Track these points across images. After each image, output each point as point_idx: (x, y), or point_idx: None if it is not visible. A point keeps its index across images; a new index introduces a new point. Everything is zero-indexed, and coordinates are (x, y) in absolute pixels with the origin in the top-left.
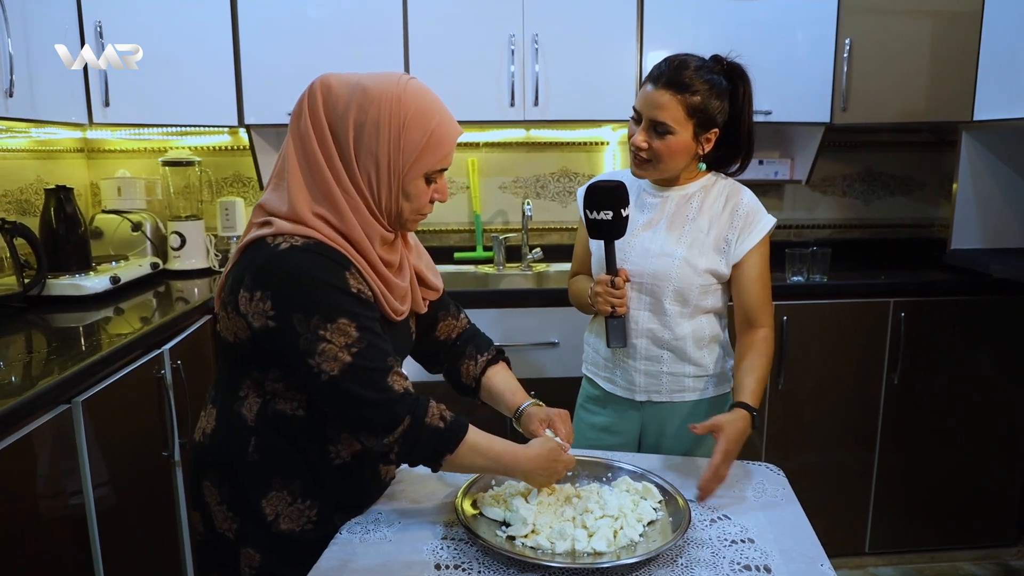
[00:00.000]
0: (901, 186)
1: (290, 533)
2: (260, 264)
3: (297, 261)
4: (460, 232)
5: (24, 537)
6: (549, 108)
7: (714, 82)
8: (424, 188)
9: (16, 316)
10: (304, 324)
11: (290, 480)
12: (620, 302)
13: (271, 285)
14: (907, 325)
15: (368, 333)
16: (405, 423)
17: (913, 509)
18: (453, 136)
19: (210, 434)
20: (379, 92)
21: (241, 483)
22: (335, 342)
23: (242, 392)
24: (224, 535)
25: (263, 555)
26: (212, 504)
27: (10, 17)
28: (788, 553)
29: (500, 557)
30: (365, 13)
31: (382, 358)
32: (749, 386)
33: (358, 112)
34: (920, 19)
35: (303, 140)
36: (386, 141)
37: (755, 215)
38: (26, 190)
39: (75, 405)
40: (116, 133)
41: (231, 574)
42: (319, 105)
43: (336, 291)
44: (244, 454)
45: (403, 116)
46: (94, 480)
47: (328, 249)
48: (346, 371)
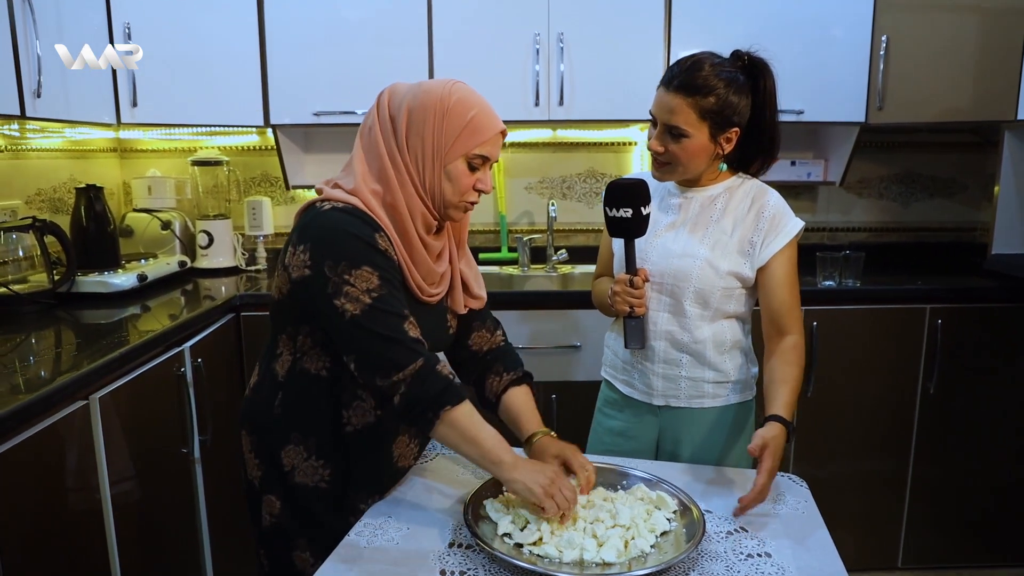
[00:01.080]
0: (942, 188)
1: (303, 487)
2: (306, 223)
3: (335, 218)
4: (485, 233)
5: (42, 527)
6: (574, 108)
7: (732, 79)
8: (465, 171)
9: (46, 312)
10: (333, 269)
11: (307, 437)
12: (639, 302)
13: (311, 238)
14: (943, 332)
15: (388, 284)
16: (417, 364)
17: (949, 524)
18: (492, 126)
19: (252, 388)
20: (431, 87)
21: (266, 433)
22: (357, 286)
23: (279, 349)
24: (252, 481)
25: (281, 503)
26: (245, 452)
27: (44, 19)
28: (806, 570)
29: (506, 564)
30: (388, 13)
31: (399, 307)
32: (782, 398)
33: (411, 101)
34: (962, 14)
35: (370, 130)
36: (432, 123)
37: (782, 218)
38: (59, 189)
39: (92, 402)
40: (148, 133)
41: (258, 521)
42: (386, 102)
43: (364, 244)
44: (271, 407)
45: (447, 104)
46: (111, 475)
47: (364, 214)
48: (366, 311)
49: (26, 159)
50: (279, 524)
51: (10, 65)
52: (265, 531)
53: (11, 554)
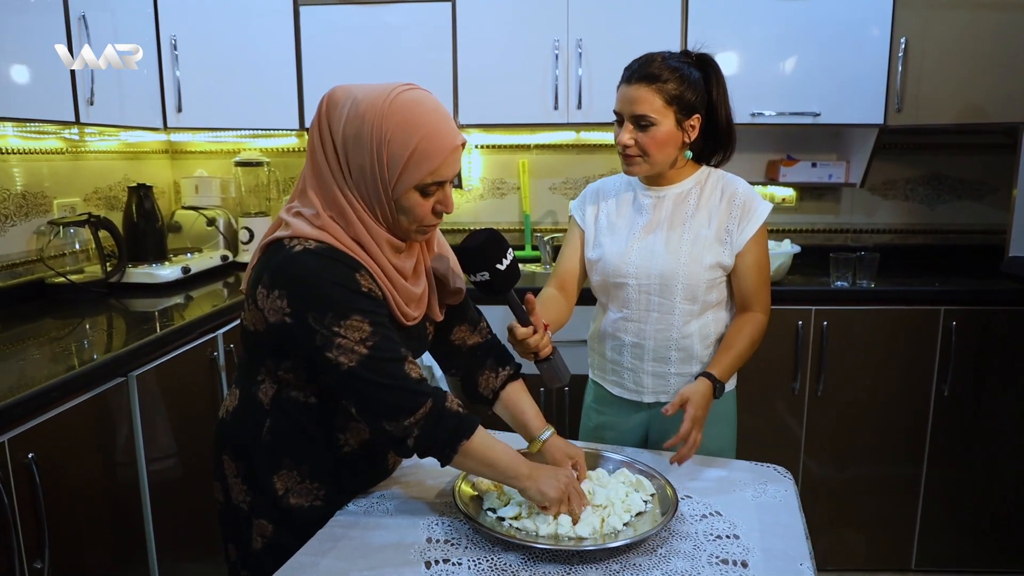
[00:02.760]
0: (970, 190)
1: (299, 508)
2: (276, 264)
3: (309, 264)
4: (510, 231)
5: (83, 485)
6: (592, 111)
7: (683, 71)
8: (420, 201)
9: (98, 300)
10: (319, 321)
11: (300, 462)
12: (538, 348)
13: (286, 285)
14: (958, 335)
15: (380, 328)
16: (427, 406)
17: (963, 527)
18: (440, 149)
19: (232, 412)
20: (366, 106)
21: (255, 460)
22: (349, 337)
23: (259, 377)
24: (239, 506)
25: (275, 527)
26: (230, 476)
27: (99, 32)
28: (770, 551)
29: (487, 536)
30: (415, 21)
31: (396, 350)
32: (721, 360)
33: (346, 126)
34: (981, 14)
35: (314, 150)
36: (369, 155)
37: (752, 203)
38: (114, 187)
39: (130, 379)
40: (196, 136)
41: (246, 543)
42: (324, 117)
43: (346, 291)
44: (259, 434)
45: (384, 131)
46: (146, 444)
47: (339, 253)
48: (364, 362)
49: (84, 160)
50: (274, 544)
51: (66, 76)
52: (256, 552)
53: (55, 506)
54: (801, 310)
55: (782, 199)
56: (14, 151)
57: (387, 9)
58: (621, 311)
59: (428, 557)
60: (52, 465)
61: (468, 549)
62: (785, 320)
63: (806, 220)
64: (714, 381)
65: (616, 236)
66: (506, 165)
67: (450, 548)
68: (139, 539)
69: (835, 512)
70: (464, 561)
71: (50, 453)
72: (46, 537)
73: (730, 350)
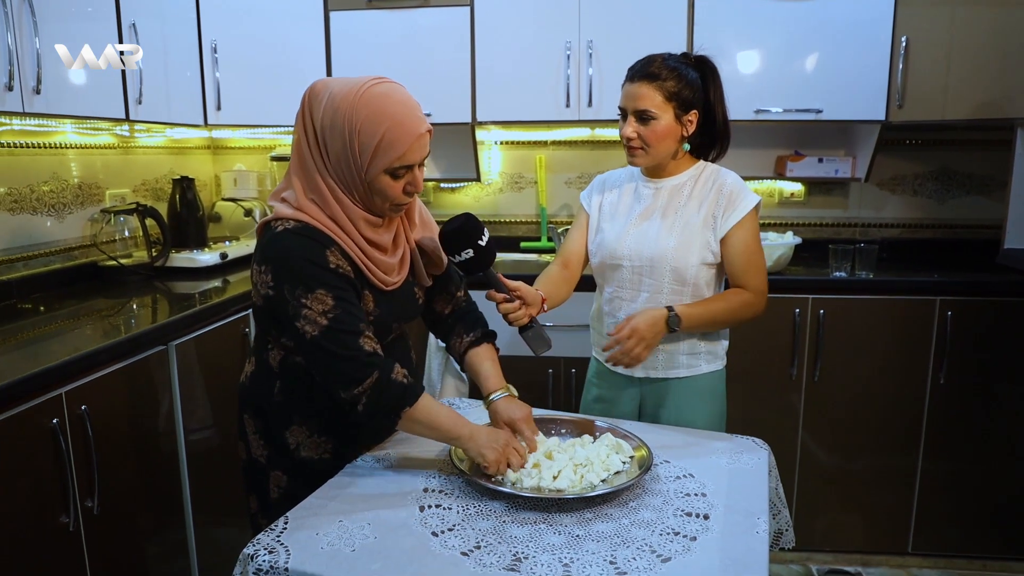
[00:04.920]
0: (979, 185)
1: (310, 460)
2: (264, 244)
3: (287, 242)
4: (527, 224)
5: (128, 441)
6: (602, 109)
7: (681, 70)
8: (390, 183)
9: (144, 282)
10: (291, 292)
11: (308, 418)
12: (512, 316)
13: (269, 261)
14: (953, 325)
15: (342, 302)
16: (373, 376)
17: (958, 514)
18: (406, 137)
19: (249, 376)
20: (340, 99)
21: (270, 418)
22: (314, 308)
23: (268, 344)
24: (258, 460)
25: (289, 477)
26: (250, 434)
27: (150, 38)
28: (732, 507)
29: (478, 487)
30: (436, 24)
31: (354, 323)
32: (692, 307)
33: (323, 116)
34: (982, 11)
35: (298, 140)
36: (343, 145)
37: (739, 194)
38: (160, 180)
39: (170, 348)
40: (236, 133)
41: (264, 493)
42: (307, 108)
43: (316, 267)
44: (271, 394)
45: (355, 122)
46: (184, 407)
47: (314, 231)
48: (325, 332)
49: (134, 154)
50: (288, 494)
51: (118, 78)
52: (274, 502)
53: (104, 454)
54: (798, 298)
55: (790, 194)
56: (72, 146)
57: (409, 13)
58: (616, 290)
59: (422, 503)
60: (102, 418)
61: (459, 498)
62: (783, 308)
63: (814, 214)
64: (670, 310)
65: (615, 222)
66: (524, 160)
67: (443, 496)
68: (176, 487)
69: (832, 496)
70: (454, 507)
71: (101, 407)
72: (96, 480)
73: (705, 304)
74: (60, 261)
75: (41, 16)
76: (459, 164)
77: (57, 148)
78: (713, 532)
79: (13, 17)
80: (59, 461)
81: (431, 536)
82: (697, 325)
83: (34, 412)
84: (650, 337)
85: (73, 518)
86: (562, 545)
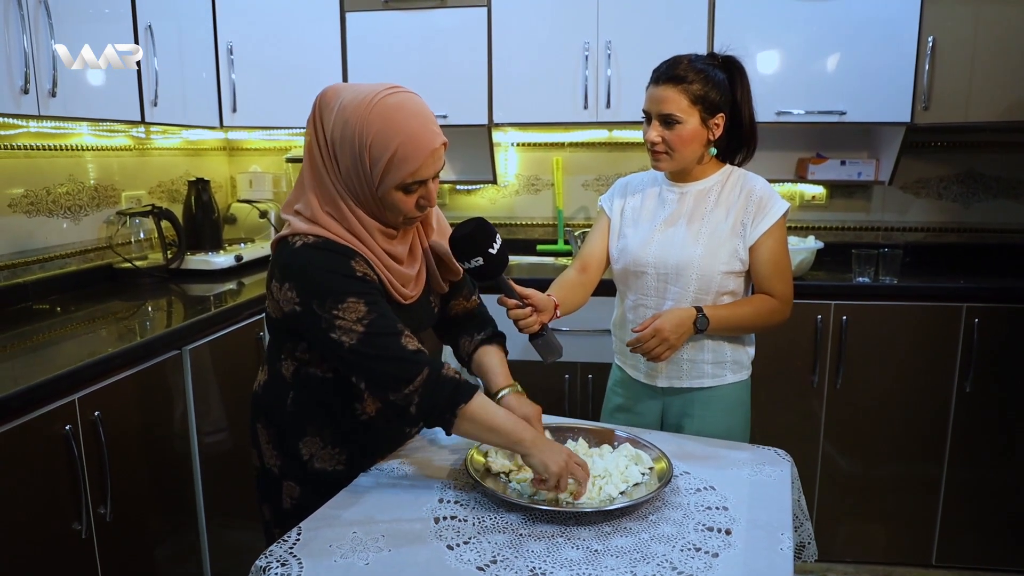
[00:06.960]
0: (1006, 189)
1: (322, 471)
2: (284, 261)
3: (309, 257)
4: (544, 226)
5: (141, 444)
6: (620, 110)
7: (708, 72)
8: (402, 198)
9: (159, 284)
10: (321, 307)
11: (321, 429)
12: (523, 323)
13: (292, 278)
14: (980, 332)
15: (375, 307)
16: (424, 374)
17: (984, 524)
18: (418, 153)
19: (262, 386)
20: (351, 111)
21: (282, 428)
22: (347, 317)
23: (282, 356)
24: (271, 469)
25: (301, 488)
26: (263, 443)
27: (166, 40)
28: (755, 521)
29: (493, 498)
30: (452, 25)
31: (392, 325)
32: (719, 309)
33: (333, 127)
34: (1011, 10)
35: (310, 149)
36: (354, 158)
37: (768, 200)
38: (176, 181)
39: (183, 352)
40: (251, 134)
41: (277, 503)
42: (317, 116)
43: (342, 277)
44: (284, 405)
45: (366, 136)
46: (197, 410)
47: (334, 244)
48: (363, 338)
49: (149, 156)
50: (301, 505)
51: (134, 79)
52: (287, 512)
53: (117, 459)
54: (820, 304)
55: (812, 197)
56: (88, 148)
57: (426, 14)
58: (639, 297)
59: (437, 514)
60: (115, 424)
61: (475, 509)
62: (804, 314)
63: (836, 218)
64: (699, 311)
65: (639, 228)
66: (541, 162)
67: (458, 507)
68: (189, 493)
69: (855, 505)
70: (470, 519)
71: (113, 413)
72: (108, 486)
73: (732, 307)
74: (76, 263)
75: (57, 18)
76: (475, 166)
77: (73, 150)
78: (736, 548)
79: (29, 20)
80: (72, 468)
81: (446, 550)
82: (723, 328)
83: (47, 419)
84: (674, 339)
85: (86, 525)
86: (580, 560)
